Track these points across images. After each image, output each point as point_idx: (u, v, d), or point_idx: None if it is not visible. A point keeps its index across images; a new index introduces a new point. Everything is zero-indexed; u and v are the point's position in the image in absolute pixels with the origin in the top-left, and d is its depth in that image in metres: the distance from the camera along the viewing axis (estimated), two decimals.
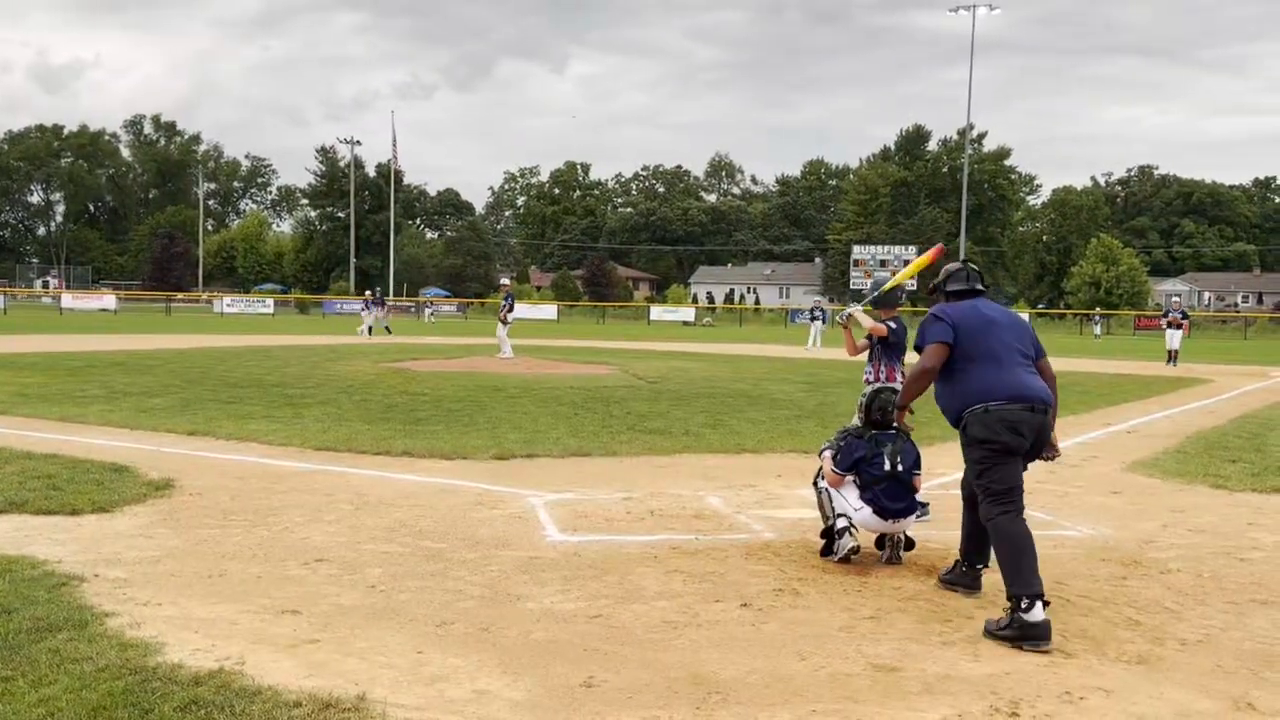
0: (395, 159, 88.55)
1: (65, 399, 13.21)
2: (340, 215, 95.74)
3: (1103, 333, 60.72)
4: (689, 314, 73.04)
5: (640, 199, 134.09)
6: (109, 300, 66.31)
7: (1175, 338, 28.19)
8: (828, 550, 6.05)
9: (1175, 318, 28.58)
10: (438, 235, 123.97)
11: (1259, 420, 14.23)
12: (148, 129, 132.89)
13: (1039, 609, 4.62)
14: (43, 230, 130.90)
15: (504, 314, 24.84)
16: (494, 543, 6.29)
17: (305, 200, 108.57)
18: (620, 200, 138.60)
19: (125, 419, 11.47)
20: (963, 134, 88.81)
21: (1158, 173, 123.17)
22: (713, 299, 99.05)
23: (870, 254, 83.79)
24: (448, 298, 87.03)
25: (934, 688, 4.10)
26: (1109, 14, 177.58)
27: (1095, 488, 8.75)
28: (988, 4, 66.75)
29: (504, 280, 33.79)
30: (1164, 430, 12.94)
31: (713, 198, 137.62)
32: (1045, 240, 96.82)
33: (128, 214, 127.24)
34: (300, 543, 6.19)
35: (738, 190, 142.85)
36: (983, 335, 5.16)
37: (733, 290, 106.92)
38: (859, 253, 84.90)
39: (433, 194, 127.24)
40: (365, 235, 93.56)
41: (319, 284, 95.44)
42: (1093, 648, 4.62)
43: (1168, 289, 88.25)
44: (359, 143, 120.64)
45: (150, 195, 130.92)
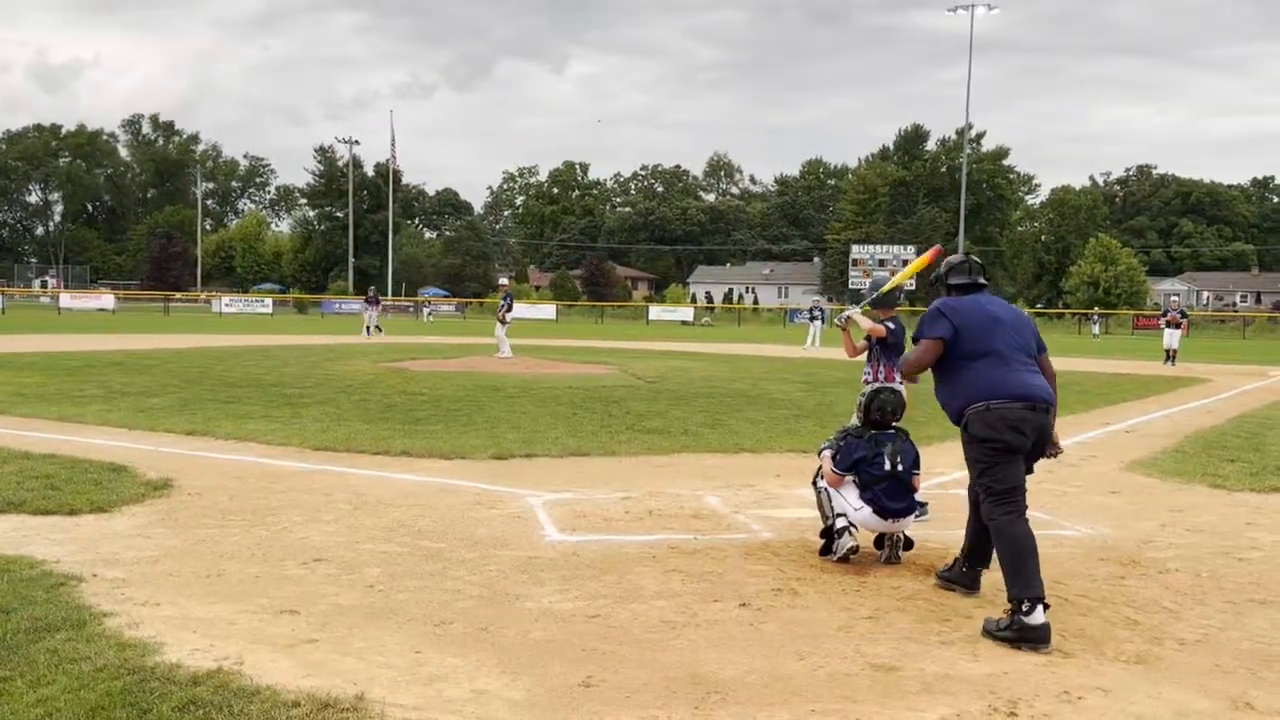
0: (394, 158, 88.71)
1: (63, 399, 13.21)
2: (339, 215, 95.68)
3: (1101, 332, 60.76)
4: (688, 314, 73.02)
5: (639, 199, 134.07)
6: (107, 300, 66.29)
7: (1174, 337, 28.16)
8: (826, 550, 6.05)
9: (1174, 317, 28.54)
10: (436, 235, 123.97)
11: (1257, 420, 14.24)
12: (146, 129, 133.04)
13: (1039, 612, 4.62)
14: (41, 230, 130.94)
15: (502, 314, 24.85)
16: (492, 542, 6.29)
17: (304, 200, 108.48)
18: (619, 200, 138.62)
19: (123, 419, 11.47)
20: (961, 134, 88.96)
21: (1156, 172, 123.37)
22: (711, 299, 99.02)
23: (869, 253, 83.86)
24: (446, 297, 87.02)
25: (932, 687, 4.10)
26: (1107, 14, 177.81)
27: (1094, 487, 8.75)
28: (986, 4, 66.85)
29: (502, 280, 33.75)
30: (1162, 430, 12.95)
31: (711, 197, 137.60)
32: (1044, 240, 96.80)
33: (126, 214, 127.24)
34: (299, 542, 6.18)
35: (736, 190, 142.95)
36: (986, 332, 5.12)
37: (731, 290, 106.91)
38: (857, 252, 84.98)
39: (431, 194, 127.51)
40: (364, 235, 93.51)
41: (317, 284, 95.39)
42: (1091, 647, 4.62)
43: (1166, 288, 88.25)
44: (358, 142, 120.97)
45: (148, 195, 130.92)
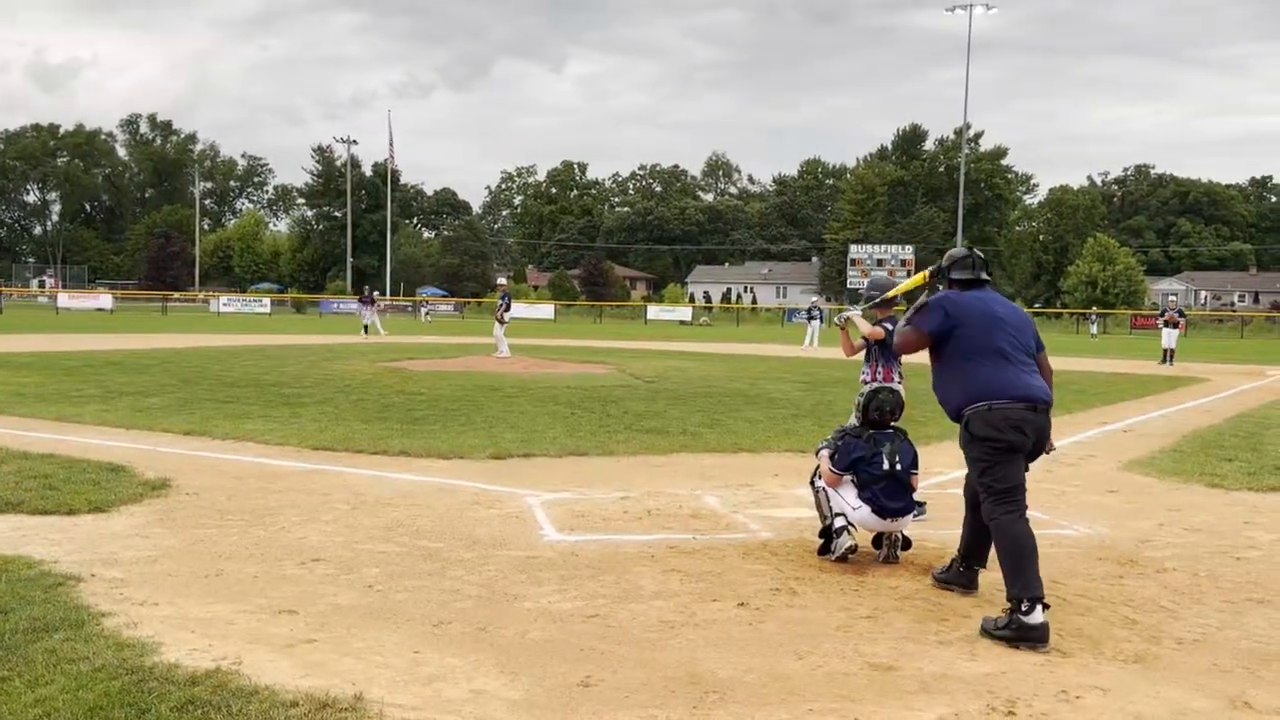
0: (392, 158, 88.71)
1: (61, 399, 13.20)
2: (337, 215, 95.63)
3: (1099, 332, 60.81)
4: (686, 313, 72.98)
5: (637, 198, 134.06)
6: (105, 300, 66.28)
7: (1172, 337, 28.16)
8: (825, 549, 6.05)
9: (1172, 316, 28.55)
10: (434, 235, 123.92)
11: (1255, 419, 14.24)
12: (144, 128, 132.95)
13: (1039, 612, 4.62)
14: (39, 230, 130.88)
15: (501, 313, 24.86)
16: (491, 542, 6.29)
17: (302, 200, 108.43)
18: (617, 200, 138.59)
19: (122, 419, 11.46)
20: (959, 133, 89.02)
21: (1154, 172, 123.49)
22: (710, 298, 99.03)
23: (867, 253, 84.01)
24: (444, 297, 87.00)
25: (931, 687, 4.10)
26: (1105, 14, 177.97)
27: (1092, 487, 8.75)
28: (984, 3, 66.89)
29: (501, 280, 33.76)
30: (1160, 429, 12.95)
31: (710, 197, 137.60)
32: (1042, 239, 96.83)
33: (124, 213, 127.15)
34: (297, 542, 6.18)
35: (735, 190, 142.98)
36: (988, 331, 5.10)
37: (730, 290, 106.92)
38: (856, 252, 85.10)
39: (429, 193, 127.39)
40: (362, 235, 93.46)
41: (315, 283, 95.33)
42: (1089, 647, 4.62)
43: (1164, 288, 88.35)
44: (356, 142, 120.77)
45: (146, 195, 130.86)
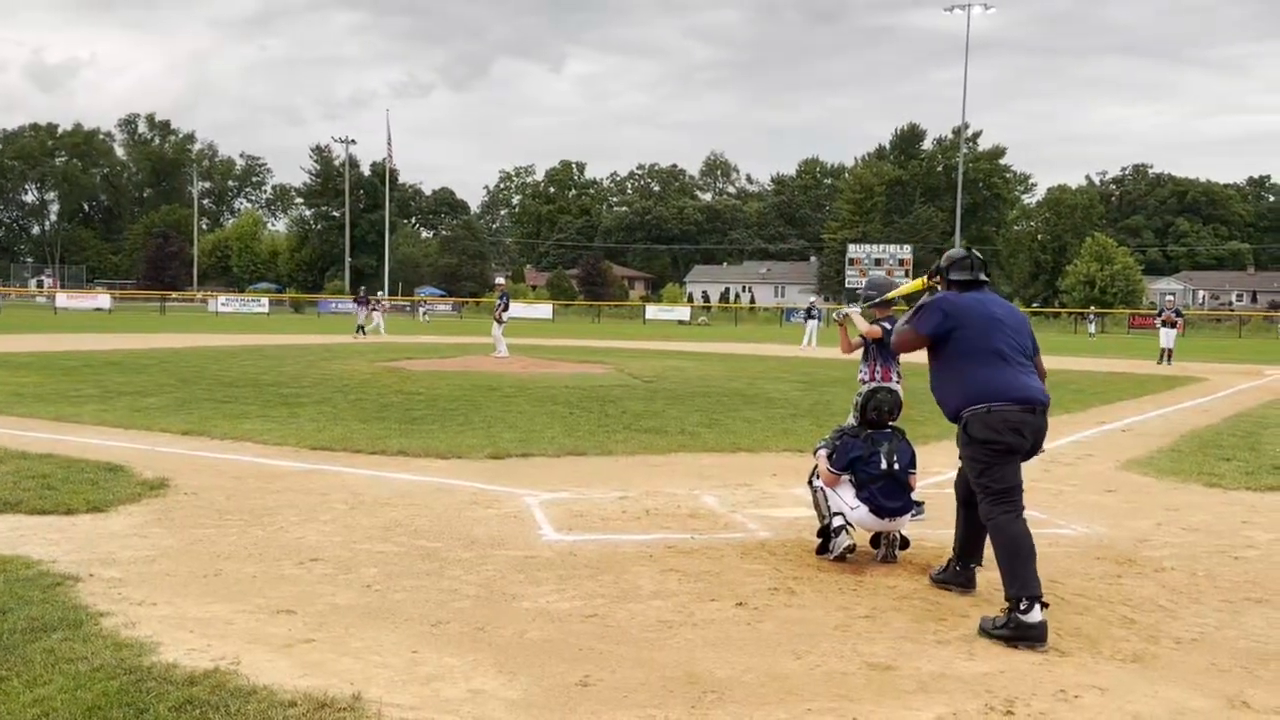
0: (390, 158, 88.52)
1: (60, 398, 13.19)
2: (335, 214, 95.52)
3: (1097, 331, 60.87)
4: (684, 313, 72.98)
5: (636, 198, 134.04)
6: (103, 300, 66.27)
7: (1169, 336, 28.18)
8: (823, 549, 6.05)
9: (1169, 316, 28.57)
10: (433, 235, 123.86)
11: (1253, 419, 14.26)
12: (142, 128, 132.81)
13: (1037, 611, 4.62)
14: (37, 229, 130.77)
15: (499, 313, 24.87)
16: (489, 542, 6.29)
17: (300, 199, 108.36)
18: (616, 199, 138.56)
19: (120, 418, 11.45)
20: (958, 133, 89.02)
21: (1152, 171, 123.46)
22: (708, 298, 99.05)
23: (865, 253, 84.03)
24: (442, 297, 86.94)
25: (929, 686, 4.11)
26: (1104, 14, 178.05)
27: (1090, 486, 8.76)
28: (982, 3, 66.79)
29: (499, 279, 33.75)
30: (1158, 429, 12.96)
31: (708, 197, 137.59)
32: (1040, 239, 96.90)
33: (122, 213, 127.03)
34: (295, 542, 6.18)
35: (733, 189, 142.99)
36: (987, 332, 5.10)
37: (728, 289, 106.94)
38: (854, 251, 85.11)
39: (428, 193, 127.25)
40: (360, 234, 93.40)
41: (314, 283, 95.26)
42: (1087, 646, 4.62)
43: (1162, 288, 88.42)
44: (354, 142, 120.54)
45: (145, 194, 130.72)
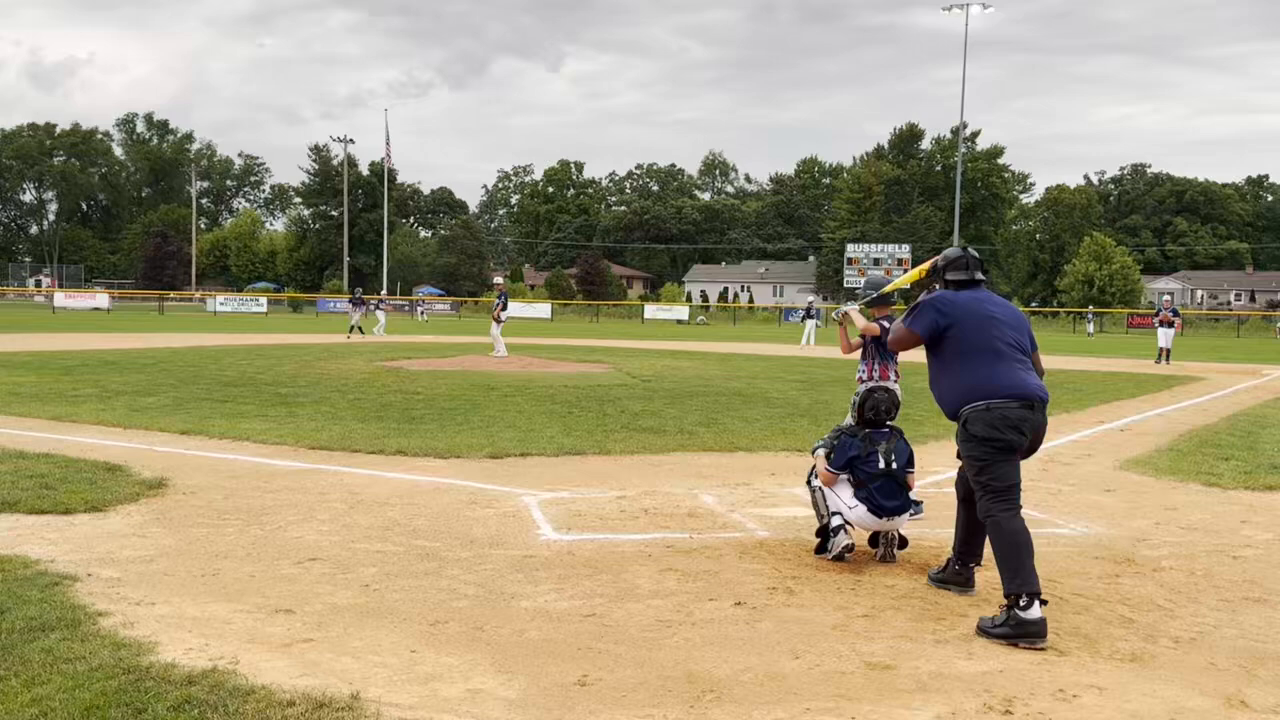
0: (388, 157, 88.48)
1: (58, 398, 13.18)
2: (334, 214, 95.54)
3: (1096, 331, 60.93)
4: (683, 313, 72.99)
5: (634, 197, 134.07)
6: (102, 299, 66.26)
7: (1167, 336, 28.16)
8: (822, 548, 6.05)
9: (1167, 315, 28.55)
10: (431, 234, 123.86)
11: (1251, 418, 14.26)
12: (140, 127, 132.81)
13: (1036, 608, 4.63)
14: (35, 229, 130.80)
15: (497, 312, 24.86)
16: (488, 542, 6.29)
17: (298, 199, 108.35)
18: (614, 199, 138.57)
19: (118, 418, 11.44)
20: (956, 132, 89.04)
21: (1151, 171, 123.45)
22: (707, 297, 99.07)
23: (864, 252, 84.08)
24: (440, 296, 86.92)
25: (928, 686, 4.11)
26: (1103, 13, 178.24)
27: (1088, 486, 8.76)
28: (981, 2, 66.76)
29: (497, 279, 33.74)
30: (1157, 428, 12.97)
31: (707, 196, 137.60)
32: (1038, 238, 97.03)
33: (120, 213, 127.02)
34: (294, 542, 6.17)
35: (731, 189, 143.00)
36: (983, 330, 5.11)
37: (727, 289, 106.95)
38: (853, 251, 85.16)
39: (426, 193, 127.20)
40: (359, 234, 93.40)
41: (312, 283, 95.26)
42: (1086, 645, 4.63)
43: (1160, 287, 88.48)
44: (352, 141, 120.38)
45: (143, 194, 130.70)
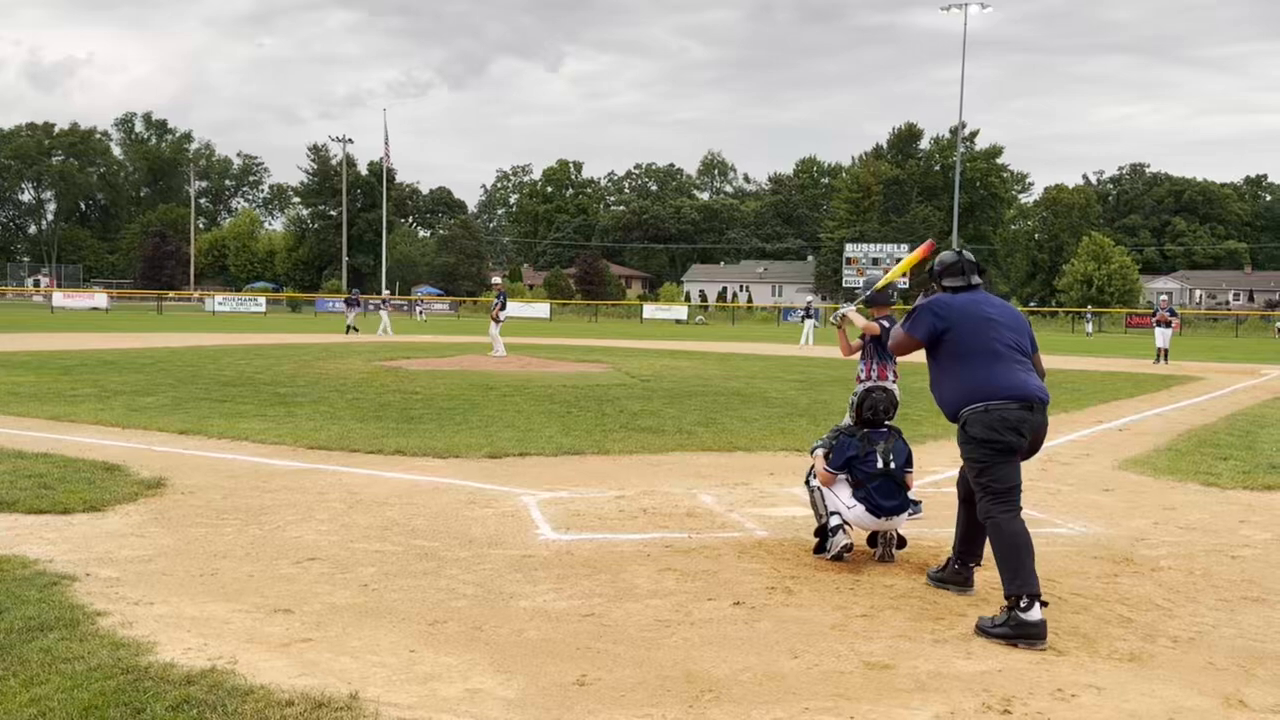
0: (387, 157, 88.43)
1: (57, 398, 13.17)
2: (332, 213, 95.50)
3: (1094, 330, 60.94)
4: (682, 312, 73.00)
5: (633, 197, 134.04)
6: (100, 299, 66.22)
7: (1164, 336, 28.13)
8: (820, 548, 6.05)
9: (1164, 315, 28.53)
10: (430, 234, 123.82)
11: (1250, 418, 14.27)
12: (139, 127, 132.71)
13: (1036, 609, 4.63)
14: (34, 229, 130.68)
15: (496, 312, 24.85)
16: (487, 541, 6.29)
17: (297, 198, 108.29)
18: (613, 199, 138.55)
19: (117, 418, 11.43)
20: (955, 132, 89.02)
21: (1149, 171, 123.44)
22: (705, 297, 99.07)
23: (863, 252, 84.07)
24: (439, 296, 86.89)
25: (926, 685, 4.11)
26: (1102, 13, 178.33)
27: (1087, 485, 8.77)
28: (979, 2, 66.74)
29: (496, 279, 33.71)
30: (1155, 428, 12.97)
31: (705, 196, 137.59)
32: (1037, 238, 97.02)
33: (119, 212, 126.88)
34: (292, 541, 6.17)
35: (730, 188, 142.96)
36: (982, 332, 5.11)
37: (725, 288, 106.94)
38: (851, 250, 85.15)
39: (425, 192, 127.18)
40: (357, 233, 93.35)
41: (311, 282, 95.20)
42: (1085, 645, 4.63)
43: (1159, 287, 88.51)
44: (351, 141, 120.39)
45: (141, 194, 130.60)
